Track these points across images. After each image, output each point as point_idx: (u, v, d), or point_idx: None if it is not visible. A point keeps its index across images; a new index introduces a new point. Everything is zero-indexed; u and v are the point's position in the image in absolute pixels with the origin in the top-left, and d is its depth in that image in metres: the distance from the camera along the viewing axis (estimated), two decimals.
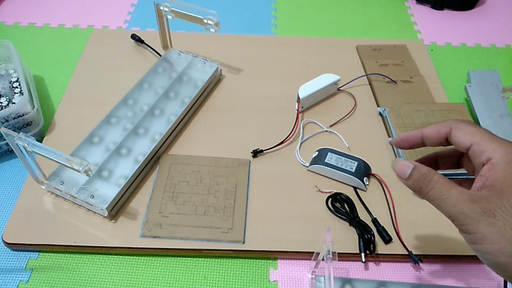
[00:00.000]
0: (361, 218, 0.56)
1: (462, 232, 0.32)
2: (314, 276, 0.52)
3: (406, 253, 0.53)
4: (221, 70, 0.76)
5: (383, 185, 0.60)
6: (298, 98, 0.68)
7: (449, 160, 0.40)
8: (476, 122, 0.68)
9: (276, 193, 0.60)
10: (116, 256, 0.54)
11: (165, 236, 0.54)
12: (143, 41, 0.80)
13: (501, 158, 0.30)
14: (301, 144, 0.66)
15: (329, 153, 0.62)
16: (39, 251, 0.54)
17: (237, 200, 0.58)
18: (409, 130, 0.38)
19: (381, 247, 0.55)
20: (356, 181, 0.59)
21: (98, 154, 0.60)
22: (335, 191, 0.59)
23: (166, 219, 0.55)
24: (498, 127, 0.67)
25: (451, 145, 0.37)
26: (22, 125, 0.62)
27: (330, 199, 0.58)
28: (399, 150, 0.63)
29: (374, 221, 0.56)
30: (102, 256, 0.54)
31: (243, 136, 0.67)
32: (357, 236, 0.54)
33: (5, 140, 0.61)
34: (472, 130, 0.33)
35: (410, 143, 0.38)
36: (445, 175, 0.60)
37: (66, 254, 0.54)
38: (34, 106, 0.63)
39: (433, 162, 0.40)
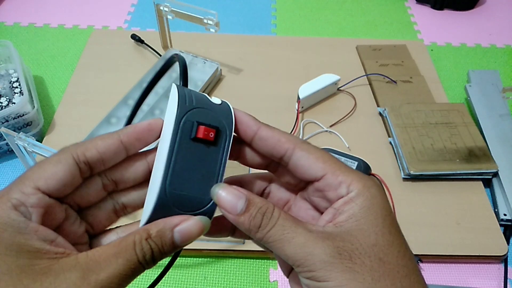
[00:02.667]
0: None
1: (310, 280, 0.23)
2: None
3: None
4: (221, 70, 0.76)
5: (383, 185, 0.60)
6: (298, 98, 0.68)
7: (261, 184, 0.30)
8: (476, 122, 0.68)
9: None
10: None
11: None
12: (143, 41, 0.80)
13: (362, 191, 0.24)
14: None
15: (329, 153, 0.62)
16: None
17: None
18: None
19: None
20: None
21: None
22: None
23: None
24: (498, 127, 0.67)
25: (280, 165, 0.27)
26: (22, 125, 0.62)
27: None
28: (400, 150, 0.63)
29: None
30: None
31: None
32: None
33: (5, 140, 0.61)
34: (323, 155, 0.26)
35: (241, 131, 0.27)
36: (446, 174, 0.61)
37: None
38: (34, 106, 0.63)
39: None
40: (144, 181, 0.27)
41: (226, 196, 0.24)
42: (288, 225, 0.24)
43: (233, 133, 0.26)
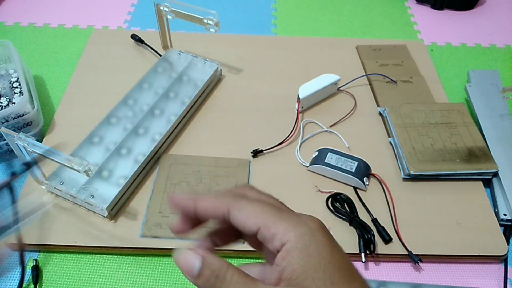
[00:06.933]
0: (361, 218, 0.56)
1: None
2: None
3: (406, 253, 0.53)
4: (221, 70, 0.76)
5: (383, 185, 0.60)
6: (298, 98, 0.68)
7: (229, 238, 0.31)
8: (476, 122, 0.68)
9: (276, 193, 0.59)
10: (116, 256, 0.54)
11: (165, 236, 0.54)
12: (143, 41, 0.80)
13: (295, 242, 0.24)
14: (301, 144, 0.66)
15: (329, 153, 0.62)
16: (39, 251, 0.54)
17: None
18: (187, 194, 0.28)
19: (381, 247, 0.54)
20: (356, 181, 0.59)
21: (98, 154, 0.60)
22: (335, 191, 0.59)
23: (166, 219, 0.55)
24: (498, 127, 0.67)
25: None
26: (22, 125, 0.62)
27: (330, 199, 0.58)
28: (400, 150, 0.63)
29: (374, 221, 0.56)
30: (102, 256, 0.54)
31: (243, 136, 0.67)
32: (357, 236, 0.54)
33: (5, 140, 0.61)
34: (255, 209, 0.26)
35: (182, 210, 0.29)
36: (446, 174, 0.61)
37: (66, 254, 0.54)
38: (34, 106, 0.63)
39: (210, 240, 0.31)
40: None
41: (181, 258, 0.25)
42: (241, 286, 0.24)
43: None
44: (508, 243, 0.56)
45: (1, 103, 0.64)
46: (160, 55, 0.77)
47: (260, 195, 0.29)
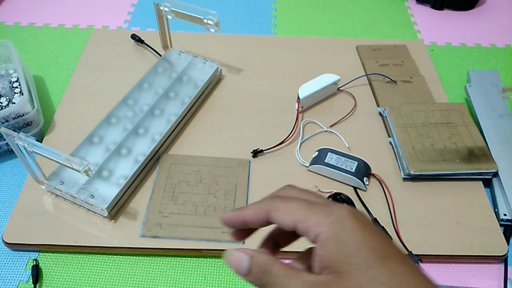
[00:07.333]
0: None
1: None
2: None
3: (406, 253, 0.53)
4: (221, 70, 0.76)
5: (383, 185, 0.60)
6: (298, 98, 0.68)
7: (289, 237, 0.33)
8: (476, 122, 0.68)
9: None
10: (116, 256, 0.54)
11: (165, 236, 0.54)
12: (143, 41, 0.80)
13: (328, 231, 0.25)
14: (301, 144, 0.66)
15: (329, 153, 0.62)
16: (39, 251, 0.54)
17: (237, 200, 0.58)
18: (237, 209, 0.30)
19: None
20: (356, 181, 0.59)
21: (98, 154, 0.60)
22: (335, 191, 0.59)
23: (166, 219, 0.55)
24: (498, 127, 0.67)
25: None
26: (22, 125, 0.62)
27: (330, 199, 0.58)
28: (400, 150, 0.63)
29: (374, 221, 0.56)
30: (102, 256, 0.54)
31: (243, 136, 0.67)
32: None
33: (5, 140, 0.61)
34: (289, 207, 0.27)
35: (236, 226, 0.31)
36: (446, 174, 0.61)
37: (66, 254, 0.54)
38: (34, 106, 0.63)
39: (272, 242, 0.33)
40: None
41: (231, 258, 0.28)
42: (284, 282, 0.26)
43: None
44: (508, 243, 0.56)
45: (1, 103, 0.64)
46: (160, 55, 0.77)
47: (297, 192, 0.30)
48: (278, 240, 0.32)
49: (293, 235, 0.31)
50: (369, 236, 0.25)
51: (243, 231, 0.32)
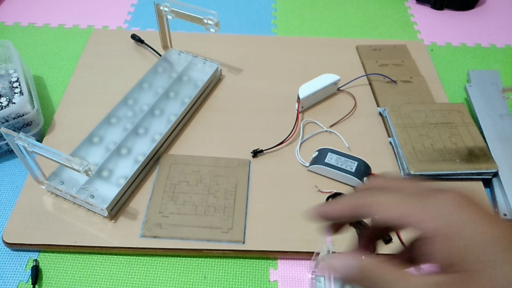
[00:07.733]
0: None
1: None
2: (314, 276, 0.52)
3: None
4: (221, 70, 0.76)
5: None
6: (298, 98, 0.68)
7: (375, 237, 0.31)
8: (476, 122, 0.68)
9: (276, 193, 0.60)
10: (116, 256, 0.54)
11: (165, 236, 0.54)
12: (143, 41, 0.80)
13: (445, 226, 0.23)
14: (301, 144, 0.66)
15: (329, 153, 0.62)
16: (39, 251, 0.54)
17: (237, 200, 0.58)
18: (332, 201, 0.29)
19: (381, 247, 0.54)
20: (356, 181, 0.59)
21: (98, 154, 0.60)
22: (335, 191, 0.59)
23: (166, 219, 0.55)
24: (498, 127, 0.67)
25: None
26: (22, 125, 0.62)
27: (330, 199, 0.58)
28: (400, 150, 0.63)
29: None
30: (102, 256, 0.54)
31: (243, 136, 0.67)
32: (357, 236, 0.54)
33: (5, 140, 0.61)
34: (389, 201, 0.25)
35: (331, 219, 0.30)
36: (446, 174, 0.61)
37: (66, 254, 0.54)
38: (34, 106, 0.63)
39: (367, 243, 0.32)
40: None
41: (336, 262, 0.26)
42: (399, 277, 0.24)
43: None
44: None
45: (1, 103, 0.64)
46: (160, 55, 0.77)
47: (394, 182, 0.28)
48: (370, 241, 0.31)
49: (385, 233, 0.30)
50: (492, 225, 0.22)
51: (335, 226, 0.31)
